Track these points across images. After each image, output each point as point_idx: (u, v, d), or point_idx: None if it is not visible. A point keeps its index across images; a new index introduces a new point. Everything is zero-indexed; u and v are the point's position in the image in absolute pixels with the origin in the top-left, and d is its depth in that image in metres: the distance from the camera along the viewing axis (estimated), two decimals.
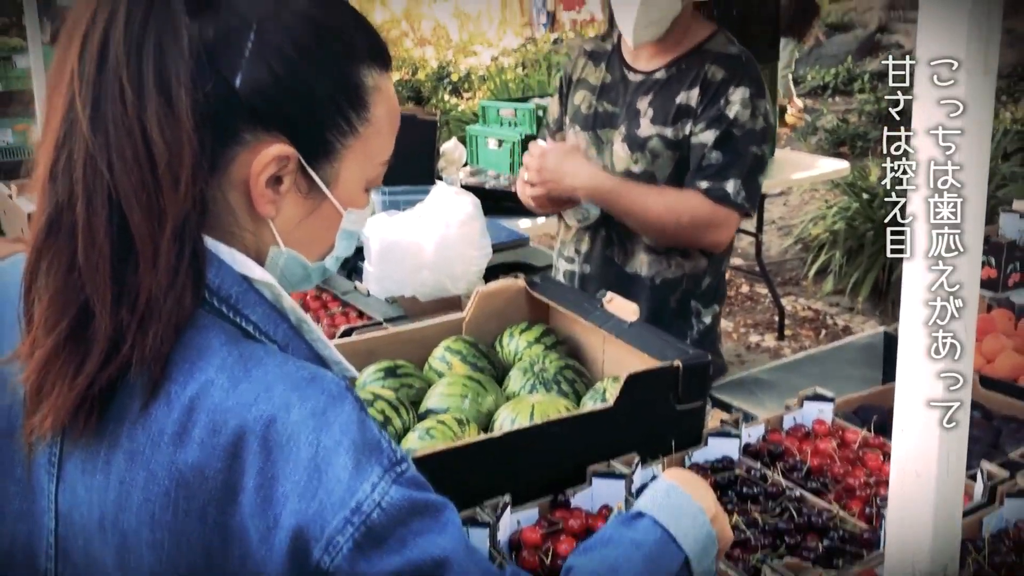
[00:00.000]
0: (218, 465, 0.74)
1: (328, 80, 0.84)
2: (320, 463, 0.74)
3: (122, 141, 0.75)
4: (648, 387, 1.49)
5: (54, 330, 0.77)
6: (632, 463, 1.43)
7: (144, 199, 0.76)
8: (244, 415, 0.74)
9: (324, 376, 0.79)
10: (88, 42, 0.77)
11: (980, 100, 0.70)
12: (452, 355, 1.73)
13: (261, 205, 0.84)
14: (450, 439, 1.43)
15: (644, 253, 2.13)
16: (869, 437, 1.59)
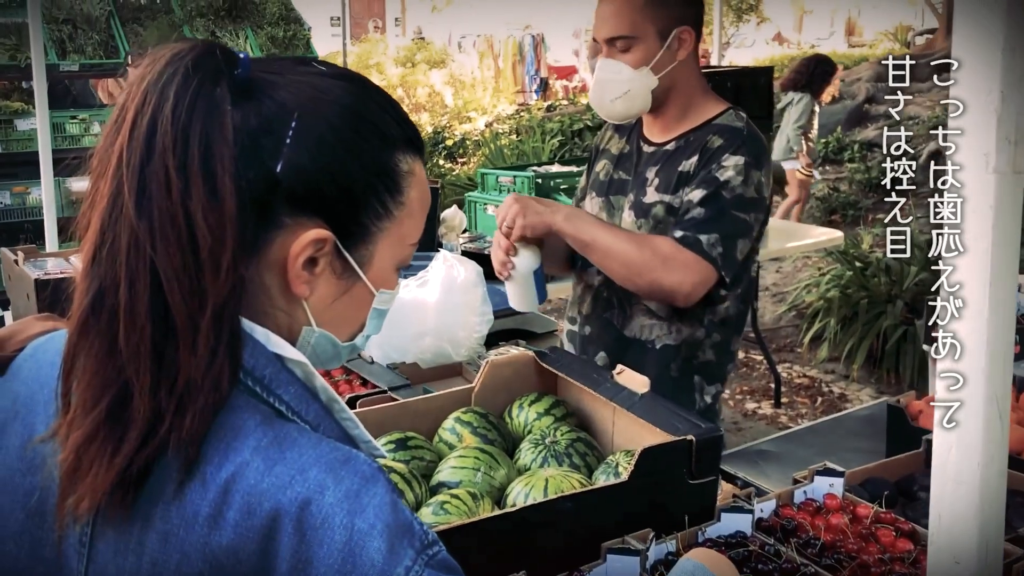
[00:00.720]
0: (252, 548, 0.74)
1: (365, 166, 0.87)
2: (354, 547, 0.74)
3: (166, 226, 0.77)
4: (661, 461, 1.49)
5: (93, 411, 0.77)
6: (647, 539, 1.43)
7: (186, 283, 0.77)
8: (279, 497, 0.75)
9: (357, 457, 0.79)
10: (136, 129, 0.79)
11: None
12: (462, 427, 1.73)
13: (297, 286, 0.86)
14: (464, 514, 1.42)
15: (643, 316, 2.13)
16: (881, 512, 1.59)
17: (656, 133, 2.18)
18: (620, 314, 2.17)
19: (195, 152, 0.78)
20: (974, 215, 0.65)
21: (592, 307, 2.22)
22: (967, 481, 0.66)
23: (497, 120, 12.44)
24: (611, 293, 2.17)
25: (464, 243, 4.10)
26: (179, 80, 0.79)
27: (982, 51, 0.63)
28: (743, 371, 5.63)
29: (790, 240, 4.87)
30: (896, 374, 5.15)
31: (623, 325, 2.16)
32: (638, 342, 2.15)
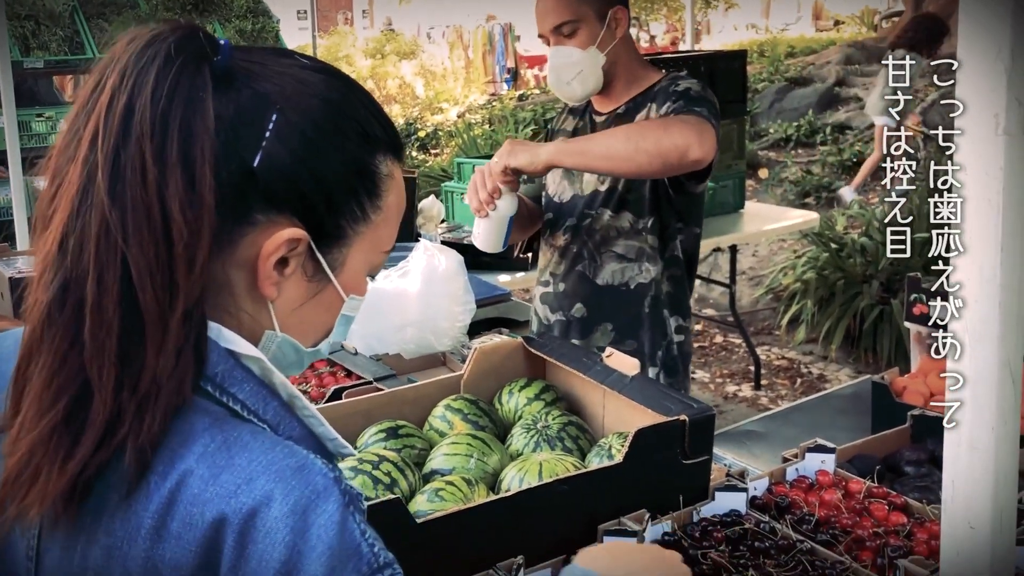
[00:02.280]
0: (194, 562, 0.70)
1: (346, 165, 0.83)
2: (291, 568, 0.70)
3: (140, 217, 0.73)
4: (655, 442, 1.48)
5: (49, 411, 0.73)
6: (643, 520, 1.43)
7: (159, 278, 0.73)
8: (222, 507, 0.71)
9: (312, 466, 0.74)
10: (112, 112, 0.74)
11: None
12: (453, 414, 1.72)
13: (265, 287, 0.82)
14: (460, 500, 1.41)
15: (613, 262, 2.23)
16: (873, 487, 1.60)
17: (606, 105, 2.32)
18: (591, 264, 2.26)
19: (174, 140, 0.74)
20: (984, 178, 0.64)
21: (564, 265, 2.31)
22: (981, 447, 0.66)
23: (469, 110, 12.40)
24: (581, 246, 2.27)
25: (443, 233, 4.08)
26: (160, 62, 0.75)
27: (992, 8, 0.63)
28: (722, 354, 5.66)
29: (766, 223, 4.89)
30: (874, 353, 5.20)
31: (596, 274, 2.25)
32: (612, 288, 2.24)
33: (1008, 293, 0.63)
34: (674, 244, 2.24)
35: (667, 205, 2.20)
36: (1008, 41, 0.60)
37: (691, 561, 1.39)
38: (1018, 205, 0.62)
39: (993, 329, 0.64)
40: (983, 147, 0.65)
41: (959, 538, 0.67)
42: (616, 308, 2.25)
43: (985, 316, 0.63)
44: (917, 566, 1.30)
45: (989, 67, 0.63)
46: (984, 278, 0.64)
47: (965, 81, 0.66)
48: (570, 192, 2.31)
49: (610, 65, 2.22)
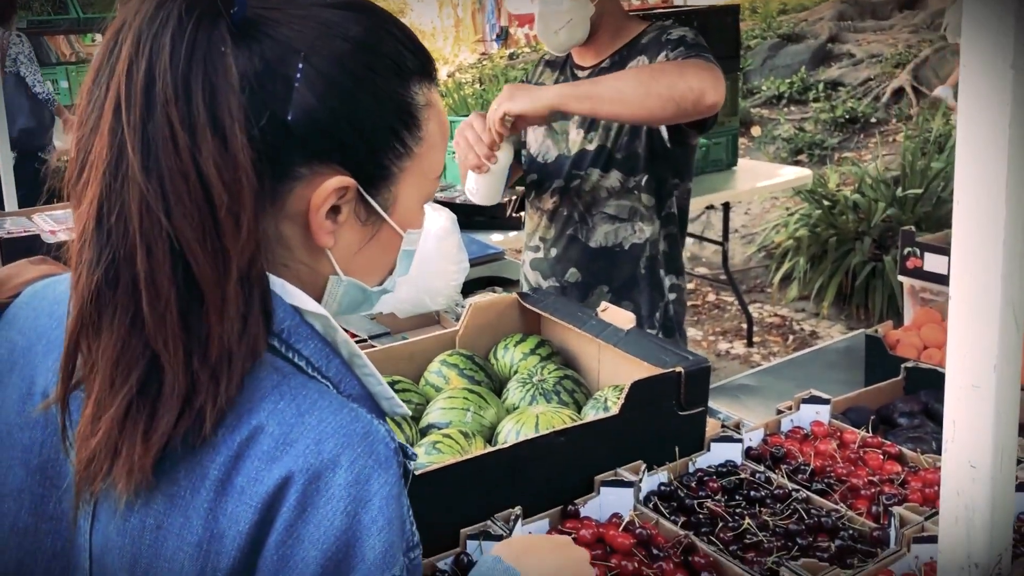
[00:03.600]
0: (254, 517, 0.70)
1: (382, 104, 0.81)
2: (351, 539, 0.70)
3: (179, 186, 0.71)
4: (651, 394, 1.49)
5: (123, 387, 0.72)
6: (639, 471, 1.44)
7: (207, 246, 0.71)
8: (291, 465, 0.71)
9: (376, 433, 0.74)
10: (132, 81, 0.72)
11: (981, 96, 0.69)
12: (449, 369, 1.72)
13: (321, 237, 0.80)
14: (458, 453, 1.42)
15: (606, 223, 2.19)
16: (867, 437, 1.61)
17: (589, 58, 2.25)
18: (583, 227, 2.21)
19: (200, 103, 0.71)
20: (989, 112, 0.63)
21: (554, 229, 2.26)
22: (982, 385, 0.66)
23: (459, 69, 12.28)
24: (571, 209, 2.21)
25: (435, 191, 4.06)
26: (174, 23, 0.72)
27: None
28: (714, 312, 5.68)
29: (759, 180, 4.87)
30: (865, 310, 5.22)
31: (588, 237, 2.21)
32: (606, 250, 2.20)
33: (1011, 232, 0.63)
34: (671, 201, 2.19)
35: (663, 161, 2.16)
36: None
37: (687, 510, 1.40)
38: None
39: (996, 269, 0.64)
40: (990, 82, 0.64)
41: (960, 477, 0.68)
42: (611, 270, 2.20)
43: (988, 257, 0.63)
44: (912, 513, 1.31)
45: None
46: (987, 216, 0.63)
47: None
48: (555, 152, 2.24)
49: (597, 16, 2.16)
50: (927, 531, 1.26)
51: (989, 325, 0.64)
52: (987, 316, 0.64)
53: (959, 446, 0.68)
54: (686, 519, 1.38)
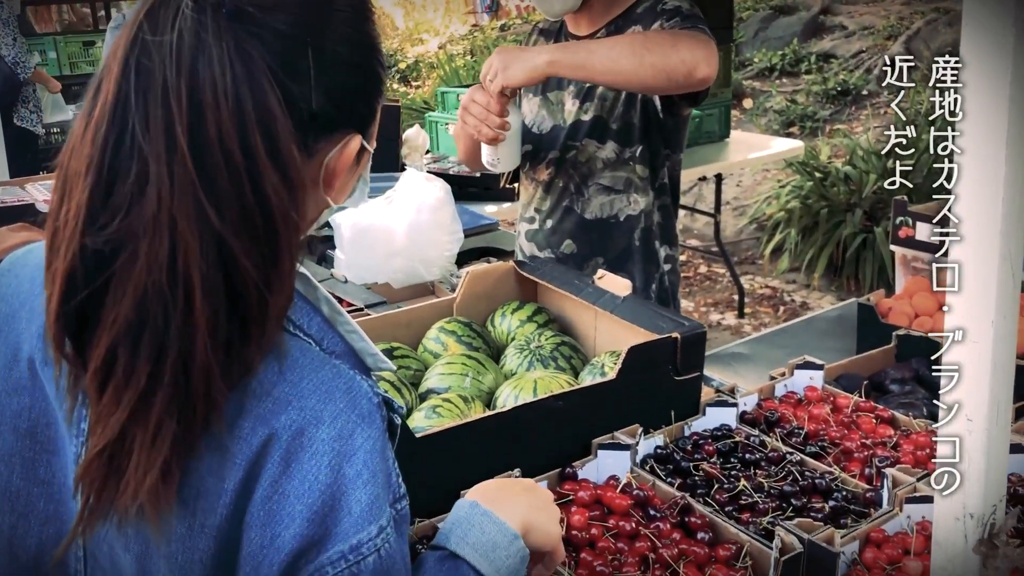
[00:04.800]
0: (240, 475, 0.71)
1: (371, 56, 0.83)
2: (337, 492, 0.71)
3: (231, 198, 0.70)
4: (648, 359, 1.51)
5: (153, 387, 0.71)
6: (636, 434, 1.46)
7: (259, 282, 0.72)
8: (273, 423, 0.72)
9: (359, 389, 0.75)
10: (175, 99, 0.69)
11: (983, 55, 0.69)
12: (447, 336, 1.73)
13: (332, 193, 0.82)
14: (457, 417, 1.43)
15: (601, 195, 2.18)
16: (860, 402, 1.63)
17: (583, 27, 2.22)
18: (579, 198, 2.21)
19: (253, 127, 0.70)
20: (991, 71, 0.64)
21: (550, 200, 2.26)
22: (980, 340, 0.67)
23: (450, 41, 12.20)
24: (566, 180, 2.21)
25: (428, 163, 4.05)
26: (210, 37, 0.70)
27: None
28: (706, 284, 5.70)
29: (751, 151, 4.88)
30: (856, 281, 5.26)
31: (584, 209, 2.20)
32: (601, 221, 2.19)
33: (1010, 188, 0.64)
34: (663, 172, 2.19)
35: (656, 131, 2.16)
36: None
37: (683, 473, 1.42)
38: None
39: (995, 223, 0.65)
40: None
41: (956, 430, 0.69)
42: (606, 242, 2.19)
43: (987, 210, 0.64)
44: (904, 474, 1.33)
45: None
46: (987, 169, 0.64)
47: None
48: (550, 123, 2.22)
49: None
50: (919, 492, 1.29)
51: (987, 280, 0.66)
52: (985, 271, 0.66)
53: (955, 400, 0.69)
54: (682, 481, 1.40)
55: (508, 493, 0.99)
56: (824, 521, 1.27)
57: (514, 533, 0.92)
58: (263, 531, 0.70)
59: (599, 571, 1.20)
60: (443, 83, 8.37)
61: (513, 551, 0.91)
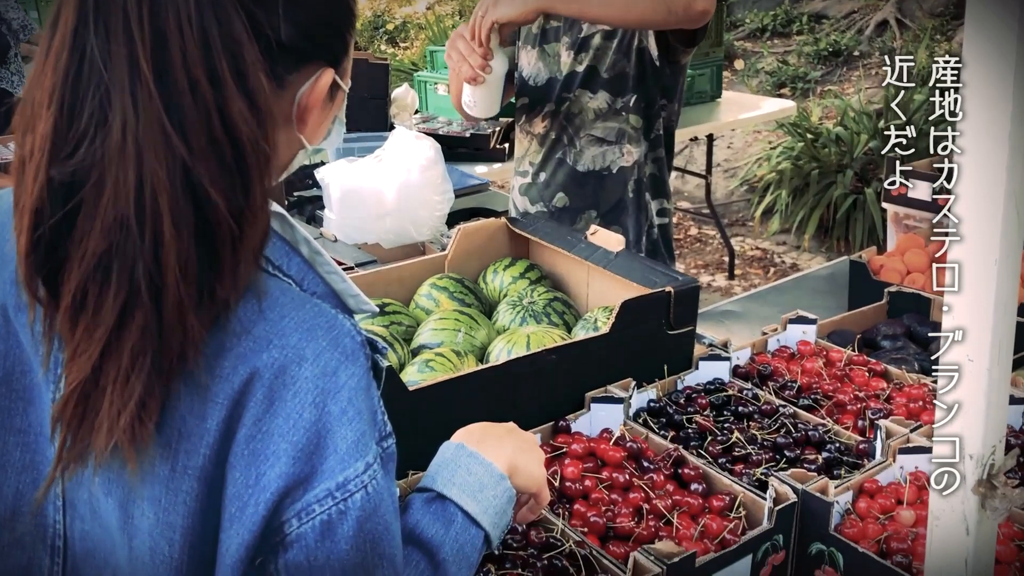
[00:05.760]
0: (223, 415, 0.70)
1: (344, 1, 0.82)
2: (322, 430, 0.70)
3: (198, 125, 0.69)
4: (641, 313, 1.50)
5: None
6: (629, 388, 1.45)
7: (233, 202, 0.70)
8: (254, 361, 0.71)
9: (341, 327, 0.74)
10: (140, 32, 0.68)
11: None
12: (438, 292, 1.72)
13: (306, 131, 0.81)
14: (451, 370, 1.43)
15: (594, 146, 2.16)
16: (853, 355, 1.63)
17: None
18: (571, 149, 2.19)
19: (219, 54, 0.69)
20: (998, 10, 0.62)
21: (543, 153, 2.24)
22: (982, 278, 0.66)
23: (439, 2, 12.03)
24: (560, 132, 2.19)
25: (417, 123, 4.01)
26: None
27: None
28: (696, 246, 5.69)
29: (743, 112, 4.85)
30: (846, 242, 5.26)
31: (576, 161, 2.19)
32: (594, 173, 2.18)
33: (1017, 124, 0.63)
34: (658, 123, 2.17)
35: (652, 80, 2.13)
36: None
37: (676, 426, 1.42)
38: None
39: (1001, 159, 0.64)
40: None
41: (957, 371, 0.69)
42: (598, 194, 2.18)
43: (987, 210, 0.63)
44: (897, 425, 1.34)
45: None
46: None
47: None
48: (546, 74, 2.21)
49: None
50: (913, 443, 1.29)
51: (992, 218, 0.65)
52: (990, 209, 0.65)
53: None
54: (675, 434, 1.40)
55: (493, 435, 0.99)
56: (818, 472, 1.27)
57: (501, 474, 0.92)
58: (247, 471, 0.70)
59: (593, 522, 1.20)
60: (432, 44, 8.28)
61: (500, 491, 0.91)
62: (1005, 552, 1.13)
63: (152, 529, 0.73)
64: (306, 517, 0.70)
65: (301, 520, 0.70)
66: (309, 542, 0.69)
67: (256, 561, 0.70)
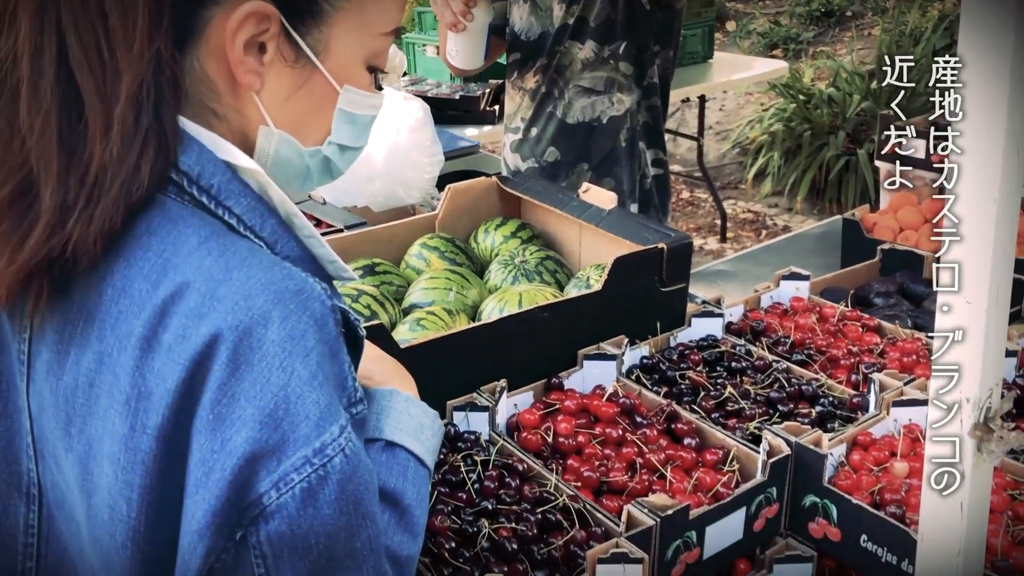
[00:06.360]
0: (182, 375, 0.68)
1: None
2: (291, 393, 0.68)
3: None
4: (634, 270, 1.49)
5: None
6: (621, 345, 1.44)
7: (95, 58, 0.69)
8: (219, 322, 0.68)
9: (311, 291, 0.71)
10: None
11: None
12: (429, 251, 1.71)
13: (241, 74, 0.76)
14: (442, 329, 1.42)
15: (582, 97, 2.15)
16: (846, 311, 1.62)
17: None
18: (560, 102, 2.17)
19: None
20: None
21: (533, 108, 2.23)
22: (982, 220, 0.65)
23: None
24: (549, 85, 2.17)
25: (406, 86, 3.97)
26: None
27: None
28: (688, 209, 5.68)
29: (735, 72, 4.81)
30: (838, 204, 5.25)
31: (566, 113, 2.17)
32: (583, 125, 2.16)
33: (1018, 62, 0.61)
34: (652, 70, 2.15)
35: (644, 25, 2.09)
36: None
37: (669, 382, 1.42)
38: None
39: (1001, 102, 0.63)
40: None
41: (955, 313, 0.68)
42: (590, 146, 2.16)
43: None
44: (891, 379, 1.33)
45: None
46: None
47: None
48: (538, 28, 2.19)
49: None
50: (907, 395, 1.29)
51: (992, 158, 0.64)
52: (990, 149, 0.64)
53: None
54: (668, 390, 1.40)
55: (391, 373, 0.97)
56: (811, 426, 1.27)
57: (434, 413, 0.93)
58: (213, 435, 0.67)
59: (586, 476, 1.20)
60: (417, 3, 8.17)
61: (436, 429, 0.93)
62: (998, 502, 1.13)
63: (111, 487, 0.71)
64: (285, 487, 0.67)
65: (280, 490, 0.67)
66: (291, 511, 0.67)
67: (237, 535, 0.67)
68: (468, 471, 1.18)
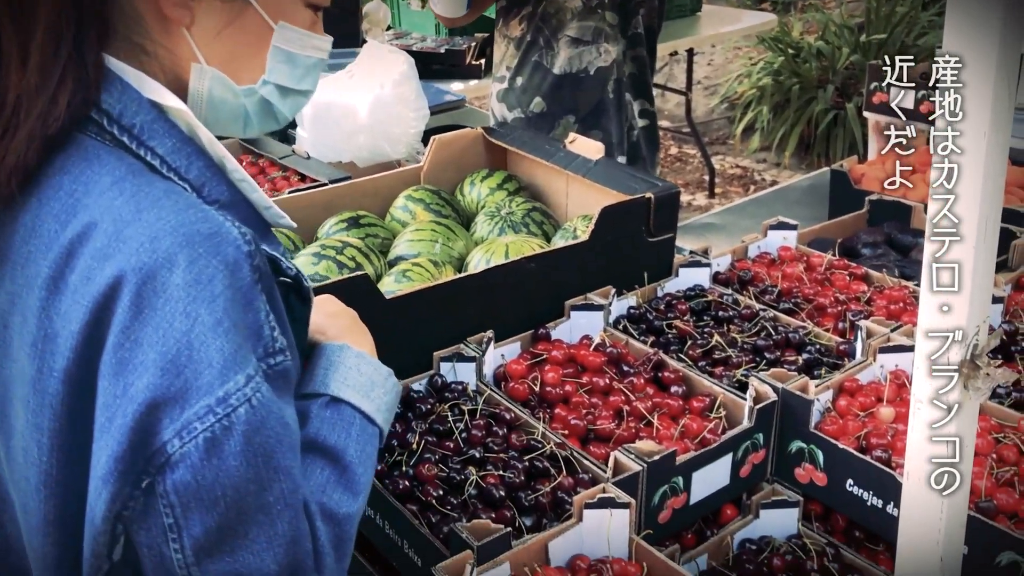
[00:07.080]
0: (86, 318, 0.66)
1: None
2: (194, 339, 0.66)
3: None
4: (621, 220, 1.48)
5: None
6: (609, 295, 1.44)
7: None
8: (123, 264, 0.66)
9: (226, 234, 0.69)
10: None
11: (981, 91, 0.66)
12: (414, 204, 1.69)
13: (168, 8, 0.74)
14: (428, 280, 1.41)
15: (569, 47, 2.13)
16: (834, 260, 1.62)
17: None
18: (548, 52, 2.15)
19: None
20: None
21: (519, 57, 2.20)
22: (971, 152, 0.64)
23: None
24: (536, 34, 2.15)
25: (390, 40, 3.91)
26: None
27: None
28: (676, 165, 5.65)
29: (724, 25, 4.76)
30: (827, 159, 5.23)
31: (552, 63, 2.15)
32: (570, 76, 2.14)
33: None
34: (636, 20, 2.13)
35: None
36: None
37: (656, 331, 1.41)
38: None
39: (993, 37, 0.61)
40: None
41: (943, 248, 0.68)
42: (577, 97, 2.14)
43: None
44: (878, 325, 1.33)
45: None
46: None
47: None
48: None
49: None
50: (893, 342, 1.29)
51: (982, 90, 0.63)
52: (981, 82, 0.63)
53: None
54: (655, 339, 1.40)
55: (345, 328, 0.94)
56: (798, 372, 1.27)
57: (388, 370, 0.90)
58: (115, 380, 0.66)
59: (574, 424, 1.20)
60: None
61: (389, 387, 0.89)
62: (982, 445, 1.14)
63: (24, 430, 0.71)
64: (188, 436, 0.66)
65: (183, 439, 0.66)
66: (194, 460, 0.66)
67: (143, 483, 0.66)
68: (455, 420, 1.18)
